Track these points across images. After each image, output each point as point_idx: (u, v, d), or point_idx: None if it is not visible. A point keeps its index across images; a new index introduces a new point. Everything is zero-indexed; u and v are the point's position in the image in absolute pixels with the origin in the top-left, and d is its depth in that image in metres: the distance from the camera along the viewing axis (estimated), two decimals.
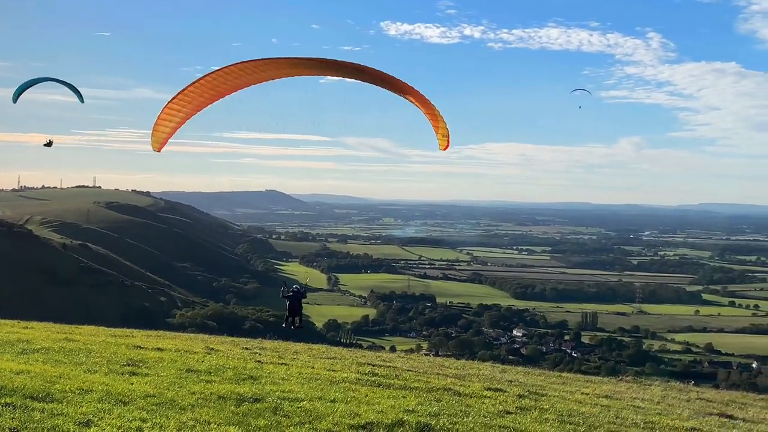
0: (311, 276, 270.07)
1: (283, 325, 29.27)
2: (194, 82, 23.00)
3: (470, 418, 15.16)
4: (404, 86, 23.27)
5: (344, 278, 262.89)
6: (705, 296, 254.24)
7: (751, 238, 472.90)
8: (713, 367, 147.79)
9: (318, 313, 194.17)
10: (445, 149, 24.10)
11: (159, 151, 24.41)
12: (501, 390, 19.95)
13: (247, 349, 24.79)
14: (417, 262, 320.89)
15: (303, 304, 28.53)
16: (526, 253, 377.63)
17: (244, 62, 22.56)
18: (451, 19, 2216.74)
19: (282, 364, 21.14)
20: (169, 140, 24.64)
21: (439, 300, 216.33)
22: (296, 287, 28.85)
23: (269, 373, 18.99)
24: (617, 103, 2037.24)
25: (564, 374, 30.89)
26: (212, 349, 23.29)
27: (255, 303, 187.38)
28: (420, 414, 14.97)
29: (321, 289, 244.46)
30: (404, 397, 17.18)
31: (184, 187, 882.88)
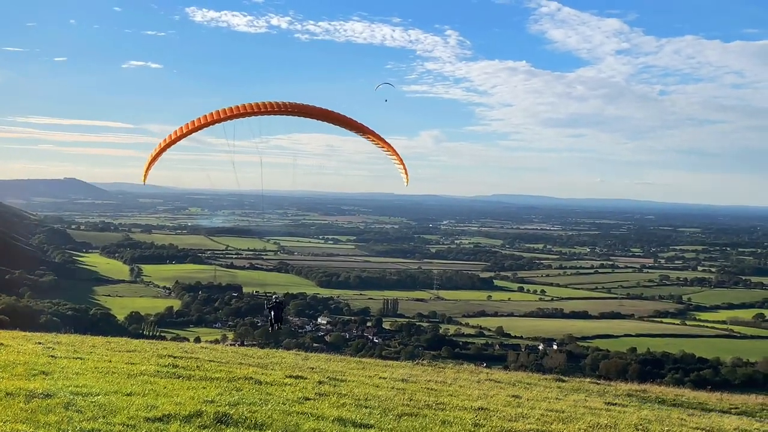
0: (113, 265, 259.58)
1: (269, 329, 36.84)
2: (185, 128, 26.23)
3: (269, 406, 15.46)
4: (375, 134, 26.82)
5: (148, 269, 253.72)
6: (497, 282, 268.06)
7: (539, 228, 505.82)
8: (504, 350, 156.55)
9: (119, 305, 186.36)
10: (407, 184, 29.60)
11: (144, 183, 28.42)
12: (302, 377, 20.43)
13: (40, 344, 23.73)
14: (224, 252, 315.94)
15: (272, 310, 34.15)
16: (331, 242, 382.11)
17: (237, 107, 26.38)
18: (258, 8, 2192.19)
19: (77, 358, 20.45)
20: None
21: (245, 290, 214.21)
22: (276, 298, 35.24)
23: (63, 368, 18.35)
24: (418, 98, 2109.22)
25: (364, 360, 31.99)
26: (1, 344, 22.09)
27: (51, 296, 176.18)
28: (219, 404, 15.10)
29: (123, 281, 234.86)
30: (204, 387, 17.20)
31: None
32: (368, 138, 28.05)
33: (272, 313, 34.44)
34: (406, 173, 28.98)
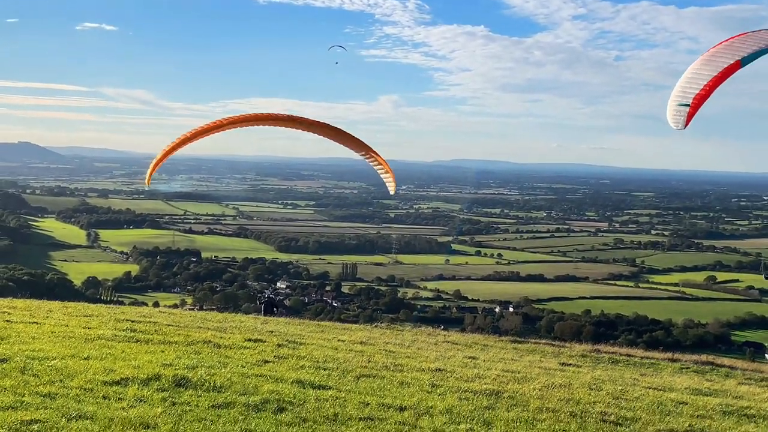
0: (69, 230, 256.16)
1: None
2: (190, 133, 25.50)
3: (228, 369, 15.55)
4: (362, 144, 27.20)
5: (105, 234, 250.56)
6: (455, 246, 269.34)
7: (496, 192, 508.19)
8: (461, 312, 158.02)
9: (76, 270, 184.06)
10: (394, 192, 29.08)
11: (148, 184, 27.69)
12: (261, 340, 20.51)
13: None
14: (182, 217, 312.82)
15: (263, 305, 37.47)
16: (290, 207, 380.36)
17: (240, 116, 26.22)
18: None
19: (33, 323, 20.26)
20: None
21: (204, 255, 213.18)
22: (270, 295, 39.39)
23: (18, 332, 18.19)
24: (377, 62, 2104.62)
25: (323, 323, 32.21)
26: None
27: (7, 261, 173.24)
28: (177, 367, 15.14)
29: (79, 246, 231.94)
30: (163, 351, 17.22)
31: None
32: (364, 155, 28.34)
33: (263, 308, 37.00)
34: (394, 182, 29.25)
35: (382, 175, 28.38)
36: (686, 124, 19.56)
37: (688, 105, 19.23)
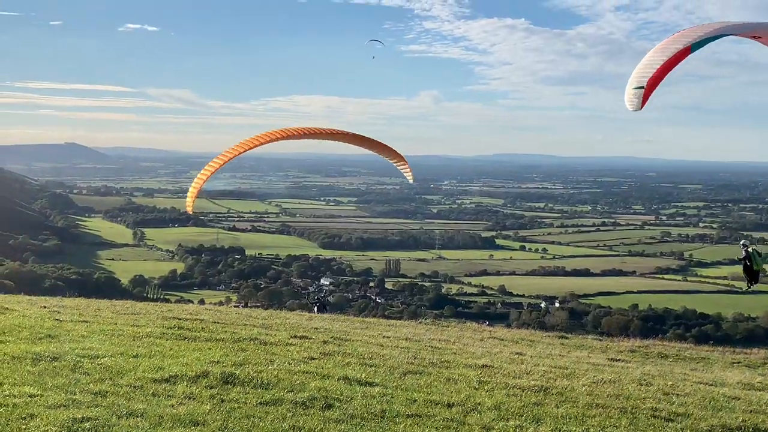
0: (116, 229, 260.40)
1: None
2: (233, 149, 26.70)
3: (275, 366, 15.60)
4: (383, 146, 29.24)
5: (150, 233, 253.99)
6: (498, 241, 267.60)
7: (540, 186, 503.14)
8: (506, 308, 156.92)
9: (123, 269, 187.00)
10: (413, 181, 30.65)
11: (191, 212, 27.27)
12: (306, 337, 20.55)
13: (45, 307, 23.80)
14: (226, 215, 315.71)
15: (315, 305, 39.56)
16: (333, 203, 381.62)
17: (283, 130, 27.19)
18: None
19: (83, 321, 20.57)
20: None
21: (248, 252, 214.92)
22: (320, 297, 42.64)
23: (68, 331, 18.48)
24: (417, 57, 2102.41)
25: (368, 319, 32.17)
26: (6, 308, 22.16)
27: (55, 260, 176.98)
28: (225, 364, 15.24)
29: (126, 245, 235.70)
30: (210, 348, 17.34)
31: None
32: (388, 158, 28.88)
33: (315, 308, 38.21)
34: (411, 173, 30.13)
35: (399, 168, 29.03)
36: (642, 106, 20.51)
37: (642, 87, 20.24)
